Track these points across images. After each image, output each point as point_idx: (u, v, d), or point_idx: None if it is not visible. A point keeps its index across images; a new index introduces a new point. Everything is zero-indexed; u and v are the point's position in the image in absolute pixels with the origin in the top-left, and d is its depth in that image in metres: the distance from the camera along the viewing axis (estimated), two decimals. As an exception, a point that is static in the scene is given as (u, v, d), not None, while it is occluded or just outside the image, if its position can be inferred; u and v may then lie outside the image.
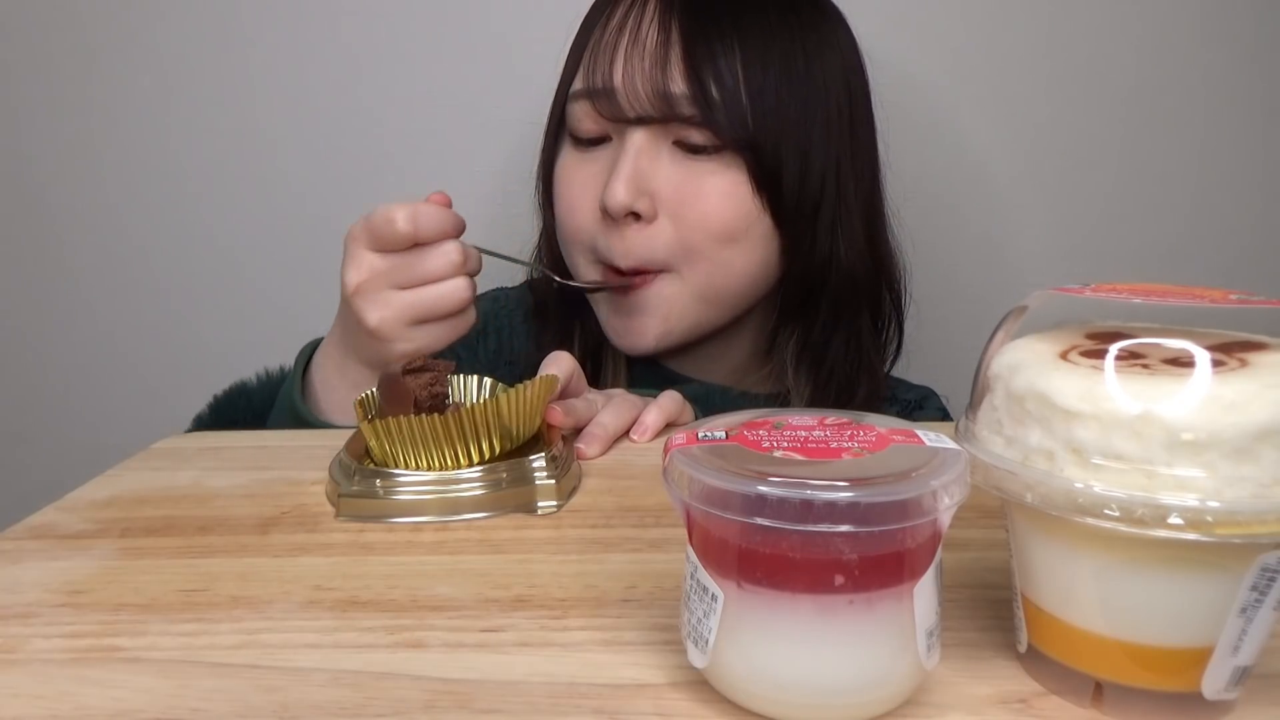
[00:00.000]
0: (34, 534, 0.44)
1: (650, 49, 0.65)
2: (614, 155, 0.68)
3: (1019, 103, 0.93)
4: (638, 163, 0.66)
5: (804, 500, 0.25)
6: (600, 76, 0.66)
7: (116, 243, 0.98)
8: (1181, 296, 0.30)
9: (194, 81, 0.94)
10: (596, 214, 0.68)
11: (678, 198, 0.67)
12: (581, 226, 0.70)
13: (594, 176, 0.69)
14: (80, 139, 0.96)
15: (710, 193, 0.67)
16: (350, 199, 0.94)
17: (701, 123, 0.65)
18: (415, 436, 0.46)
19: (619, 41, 0.66)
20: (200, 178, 0.96)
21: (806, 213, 0.68)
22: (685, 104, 0.64)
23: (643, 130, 0.66)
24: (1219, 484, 0.25)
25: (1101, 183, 0.95)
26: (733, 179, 0.66)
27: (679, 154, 0.67)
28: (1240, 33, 0.92)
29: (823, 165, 0.68)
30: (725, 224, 0.67)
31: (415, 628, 0.34)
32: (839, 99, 0.69)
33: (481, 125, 0.94)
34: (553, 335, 0.77)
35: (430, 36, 0.93)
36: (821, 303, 0.72)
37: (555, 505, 0.46)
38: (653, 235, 0.67)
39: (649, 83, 0.65)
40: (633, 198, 0.66)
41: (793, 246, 0.70)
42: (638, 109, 0.65)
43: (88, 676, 0.31)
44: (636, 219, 0.67)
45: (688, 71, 0.64)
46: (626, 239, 0.67)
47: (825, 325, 0.73)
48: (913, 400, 0.80)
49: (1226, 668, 0.27)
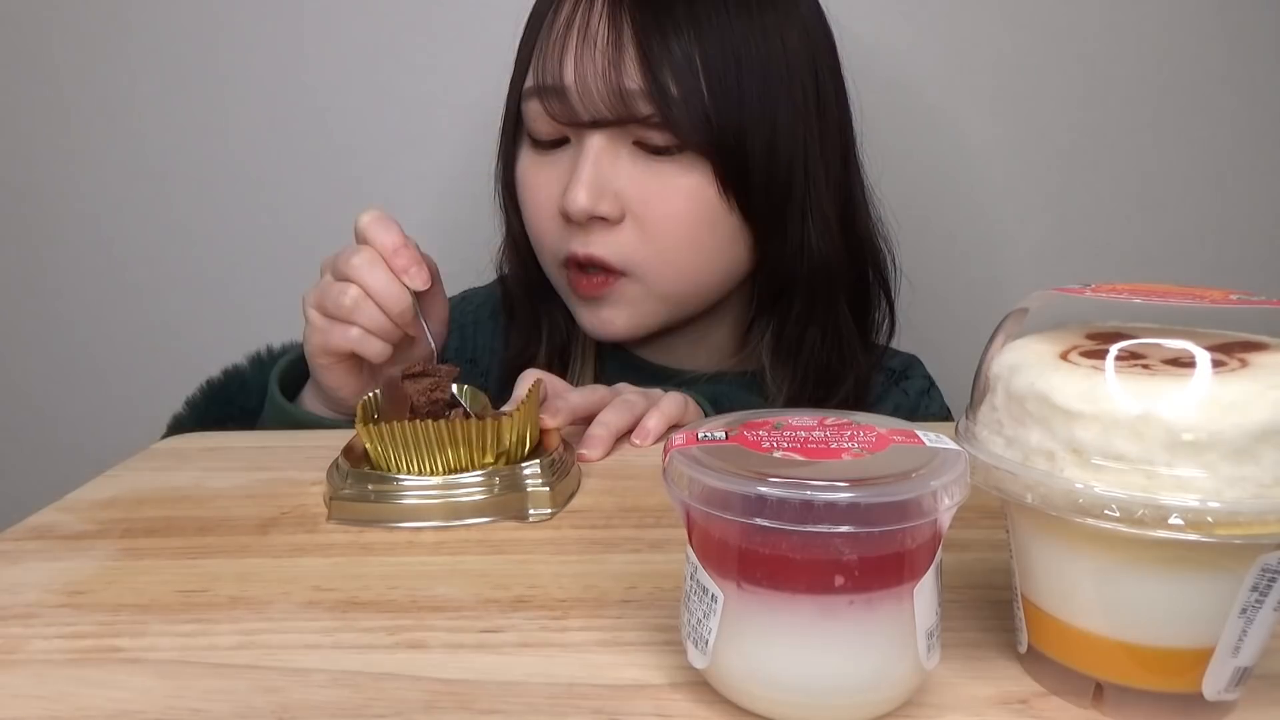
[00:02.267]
0: (34, 534, 0.44)
1: (601, 45, 0.62)
2: (573, 158, 0.65)
3: (1019, 102, 0.93)
4: (598, 166, 0.64)
5: (804, 501, 0.25)
6: (550, 75, 0.64)
7: (117, 243, 0.98)
8: (1181, 296, 0.30)
9: (168, 84, 0.94)
10: (559, 217, 0.66)
11: (641, 198, 0.65)
12: (545, 230, 0.68)
13: (555, 180, 0.66)
14: (73, 142, 0.96)
15: (674, 194, 0.64)
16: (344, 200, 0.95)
17: (661, 123, 0.62)
18: (408, 442, 0.45)
19: (568, 37, 0.63)
20: (199, 178, 0.96)
21: (775, 205, 0.66)
22: (643, 102, 0.62)
23: (600, 132, 0.64)
24: (1219, 484, 0.25)
25: (1102, 182, 0.95)
26: (697, 179, 0.64)
27: (640, 154, 0.65)
28: (1241, 32, 0.92)
29: (790, 154, 0.65)
30: (691, 226, 0.65)
31: (415, 628, 0.34)
32: (804, 79, 0.66)
33: (468, 121, 0.94)
34: (520, 330, 0.76)
35: (416, 30, 0.93)
36: (796, 294, 0.70)
37: (549, 512, 0.45)
38: (618, 236, 0.65)
39: (602, 81, 0.61)
40: (594, 202, 0.64)
41: (762, 240, 0.68)
42: (592, 111, 0.63)
43: (88, 677, 0.31)
44: (603, 222, 0.65)
45: (643, 67, 0.61)
46: (592, 241, 0.65)
47: (800, 317, 0.71)
48: (897, 369, 0.78)
49: (1227, 668, 0.27)
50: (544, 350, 0.75)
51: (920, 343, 0.81)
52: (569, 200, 0.64)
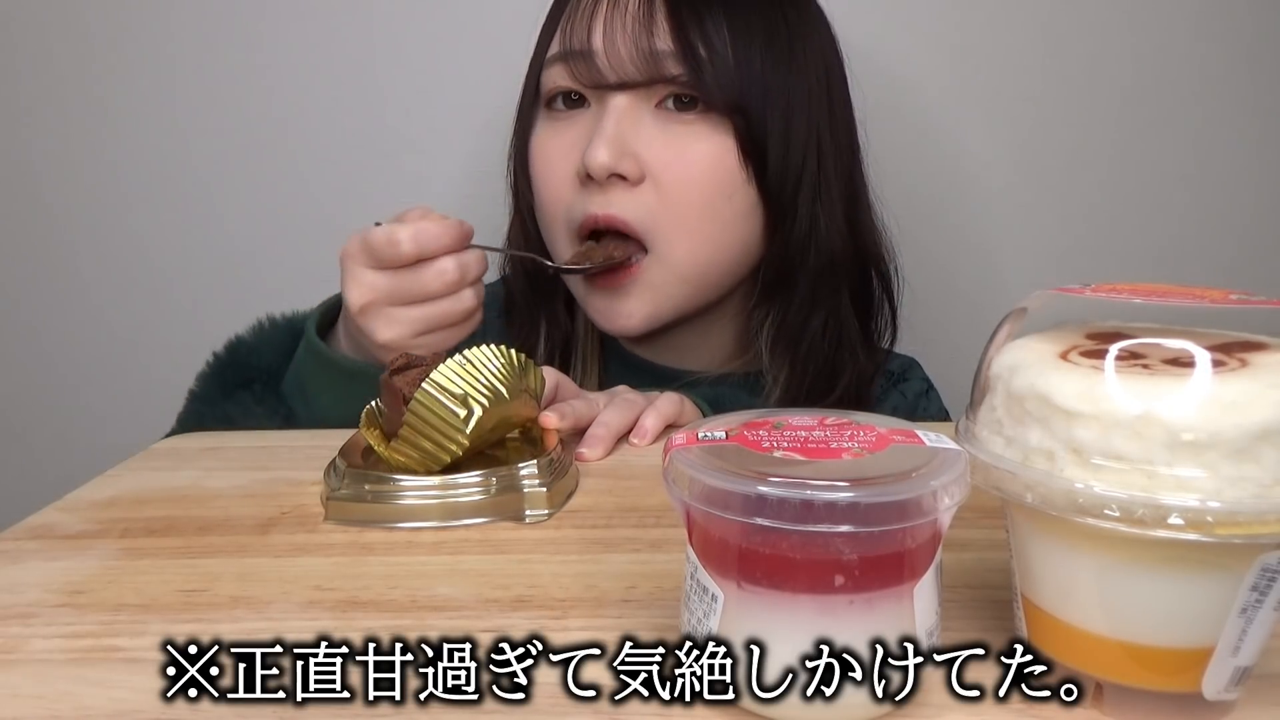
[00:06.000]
0: (34, 534, 0.44)
1: (633, 9, 0.64)
2: (593, 120, 0.66)
3: (1019, 102, 0.93)
4: (620, 125, 0.65)
5: (804, 500, 0.25)
6: (578, 39, 0.65)
7: (117, 242, 0.98)
8: (1181, 296, 0.30)
9: (176, 82, 0.94)
10: (574, 182, 0.66)
11: (661, 160, 0.65)
12: (559, 197, 0.68)
13: (572, 143, 0.67)
14: (80, 138, 0.96)
15: (696, 157, 0.65)
16: (355, 195, 0.96)
17: (689, 83, 0.63)
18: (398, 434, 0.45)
19: (597, 5, 0.65)
20: (199, 178, 0.96)
21: (789, 185, 0.67)
22: (672, 62, 0.63)
23: (624, 94, 0.65)
24: (1219, 484, 0.25)
25: (1102, 182, 0.95)
26: (719, 143, 0.65)
27: (662, 117, 0.65)
28: (1239, 32, 0.92)
29: (804, 138, 0.67)
30: (709, 191, 0.66)
31: (415, 628, 0.34)
32: (818, 75, 0.68)
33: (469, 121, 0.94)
34: (520, 328, 0.76)
35: (415, 28, 0.93)
36: (799, 282, 0.71)
37: (545, 514, 0.45)
38: (637, 197, 0.66)
39: (631, 43, 0.63)
40: (615, 159, 0.64)
41: (775, 221, 0.68)
42: (619, 72, 0.64)
43: (88, 676, 0.31)
44: (622, 181, 0.65)
45: (674, 30, 0.63)
46: (612, 201, 0.65)
47: (802, 305, 0.71)
48: (895, 371, 0.79)
49: (1227, 668, 0.27)
50: (543, 349, 0.75)
51: (920, 343, 0.81)
52: (590, 156, 0.64)
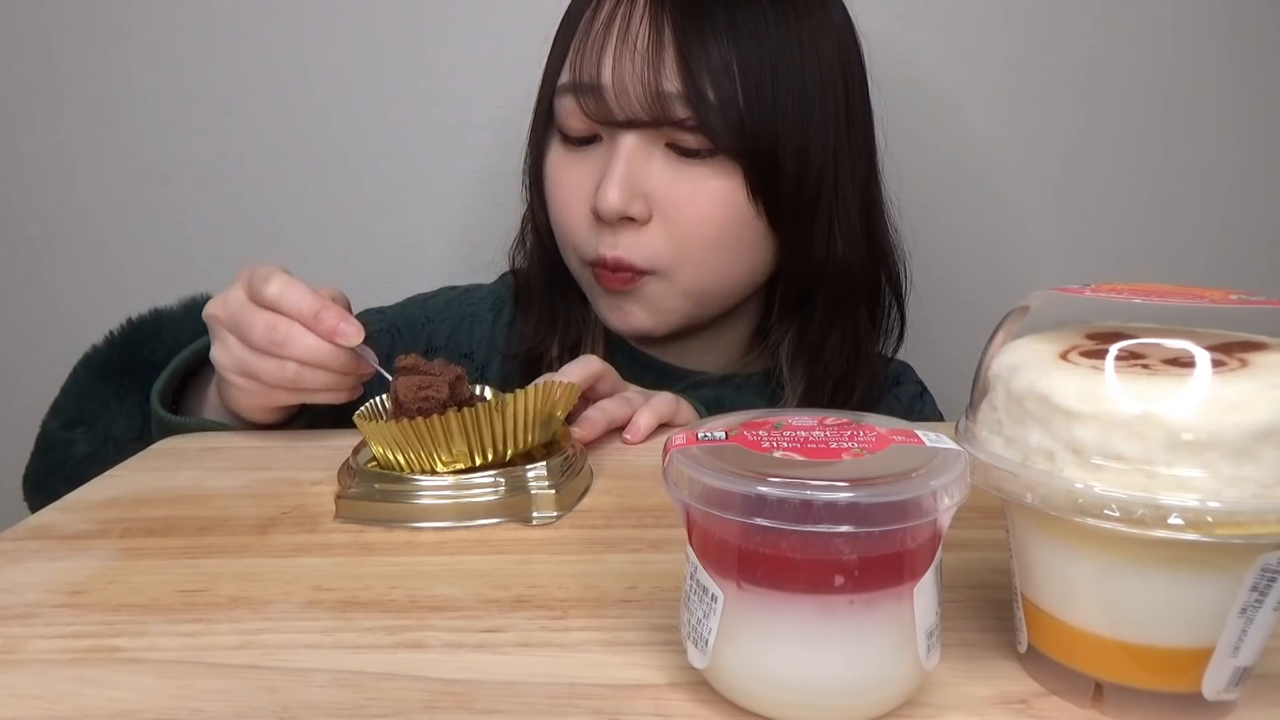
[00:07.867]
0: (34, 534, 0.44)
1: (641, 47, 0.62)
2: (605, 156, 0.66)
3: (1020, 102, 0.93)
4: (630, 165, 0.65)
5: (804, 501, 0.25)
6: (587, 73, 0.64)
7: (117, 242, 0.98)
8: (1181, 296, 0.30)
9: (176, 82, 0.94)
10: (588, 216, 0.67)
11: (671, 200, 0.65)
12: (573, 227, 0.69)
13: (585, 177, 0.67)
14: (73, 142, 0.96)
15: (704, 198, 0.65)
16: (344, 201, 0.96)
17: (696, 126, 0.63)
18: (394, 439, 0.45)
19: (608, 37, 0.64)
20: (198, 178, 0.96)
21: (803, 213, 0.67)
22: (679, 105, 0.62)
23: (633, 133, 0.65)
24: (1219, 484, 0.25)
25: (1102, 182, 0.95)
26: (728, 184, 0.65)
27: (672, 156, 0.65)
28: (1241, 32, 0.92)
29: (820, 163, 0.66)
30: (719, 229, 0.66)
31: (415, 628, 0.34)
32: (835, 90, 0.67)
33: (469, 121, 0.94)
34: (533, 322, 0.76)
35: (415, 31, 0.93)
36: (818, 300, 0.71)
37: (554, 515, 0.45)
38: (644, 237, 0.66)
39: (639, 82, 0.62)
40: (625, 202, 0.64)
41: (788, 247, 0.69)
42: (627, 111, 0.63)
43: (88, 677, 0.31)
44: (631, 222, 0.66)
45: (682, 71, 0.62)
46: (620, 242, 0.66)
47: (821, 323, 0.72)
48: (889, 375, 0.79)
49: (1227, 668, 0.27)
50: (556, 343, 0.75)
51: (920, 342, 0.81)
52: (601, 199, 0.64)
